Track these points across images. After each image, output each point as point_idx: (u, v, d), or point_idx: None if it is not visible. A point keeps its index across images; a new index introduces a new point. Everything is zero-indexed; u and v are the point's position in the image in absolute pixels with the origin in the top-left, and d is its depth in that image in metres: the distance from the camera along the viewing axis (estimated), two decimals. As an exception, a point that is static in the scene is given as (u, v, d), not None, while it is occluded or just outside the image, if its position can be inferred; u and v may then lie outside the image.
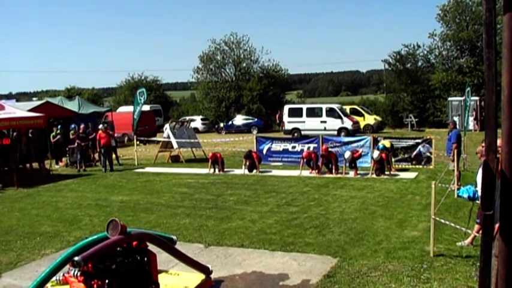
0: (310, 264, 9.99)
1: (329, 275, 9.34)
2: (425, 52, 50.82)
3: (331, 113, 39.29)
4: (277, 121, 46.52)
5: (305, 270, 9.68)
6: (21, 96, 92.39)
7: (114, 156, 26.44)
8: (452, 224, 10.49)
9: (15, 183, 21.27)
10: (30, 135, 26.43)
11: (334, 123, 38.45)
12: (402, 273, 9.20)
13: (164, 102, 64.88)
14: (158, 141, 30.33)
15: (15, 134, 25.78)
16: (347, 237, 11.67)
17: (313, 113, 40.32)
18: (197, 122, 50.35)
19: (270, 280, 9.40)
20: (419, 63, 51.27)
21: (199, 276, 9.05)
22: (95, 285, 7.42)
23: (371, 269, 9.50)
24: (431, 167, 21.44)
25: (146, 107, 42.63)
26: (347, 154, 20.64)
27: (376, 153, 20.14)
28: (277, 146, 24.85)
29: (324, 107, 40.55)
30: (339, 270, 9.52)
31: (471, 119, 38.80)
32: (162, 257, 9.04)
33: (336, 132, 36.81)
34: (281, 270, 9.78)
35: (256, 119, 50.79)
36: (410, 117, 44.58)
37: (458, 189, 15.48)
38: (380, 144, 21.34)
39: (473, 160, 19.53)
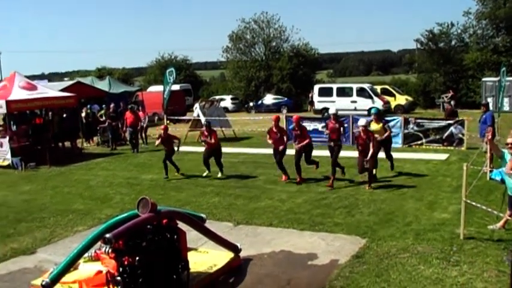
0: (338, 244, 10.00)
1: (357, 255, 9.35)
2: (459, 31, 49.79)
3: (361, 92, 38.90)
4: (310, 100, 46.15)
5: (333, 250, 9.70)
6: (53, 77, 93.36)
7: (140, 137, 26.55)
8: (484, 207, 10.36)
9: (48, 162, 21.61)
10: (63, 114, 26.73)
11: (364, 103, 38.06)
12: (431, 255, 9.16)
13: (194, 81, 64.86)
14: (188, 121, 30.41)
15: (48, 113, 26.10)
16: (376, 218, 11.64)
17: (343, 92, 39.97)
18: (227, 101, 50.30)
19: (298, 259, 9.44)
20: (453, 43, 50.25)
21: (228, 255, 9.15)
22: (126, 262, 7.55)
23: (400, 250, 9.48)
24: (463, 148, 21.16)
25: (176, 87, 42.73)
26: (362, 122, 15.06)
27: (362, 121, 15.08)
28: (307, 126, 24.70)
29: (355, 86, 40.16)
30: (368, 251, 9.52)
31: (506, 100, 38.07)
32: (192, 235, 9.14)
33: (366, 112, 36.49)
34: (309, 250, 9.82)
35: (286, 99, 50.53)
36: (443, 98, 43.97)
37: (490, 171, 15.27)
38: (373, 108, 18.59)
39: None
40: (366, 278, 8.31)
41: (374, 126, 16.02)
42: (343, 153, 16.20)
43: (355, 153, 15.45)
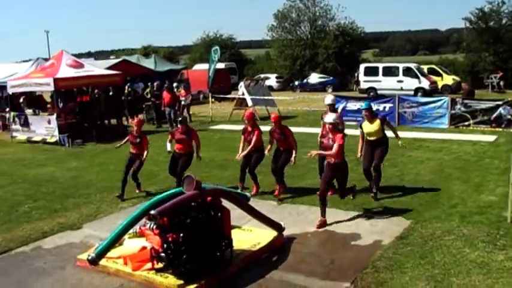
0: (382, 225, 9.92)
1: (401, 236, 9.26)
2: (511, 9, 48.46)
3: (408, 72, 38.29)
4: (356, 80, 45.62)
5: (377, 231, 9.63)
6: (99, 55, 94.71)
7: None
8: (533, 189, 10.11)
9: (94, 139, 21.98)
10: (109, 92, 27.06)
11: (411, 83, 37.49)
12: (477, 238, 9.01)
13: (239, 60, 64.81)
14: (233, 99, 30.47)
15: (94, 91, 26.47)
16: (421, 199, 11.50)
17: (389, 72, 39.41)
18: (272, 80, 50.17)
19: (341, 239, 9.41)
20: (504, 21, 48.90)
21: (272, 233, 9.16)
22: (170, 238, 7.63)
23: (445, 232, 9.34)
24: (512, 130, 20.69)
25: (221, 65, 42.80)
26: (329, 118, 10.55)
27: (330, 117, 10.56)
28: (353, 105, 24.50)
29: (401, 66, 39.55)
30: (412, 232, 9.42)
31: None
32: (236, 213, 9.18)
33: (412, 92, 35.92)
34: (353, 230, 9.77)
35: (331, 78, 50.12)
36: (492, 78, 42.93)
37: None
38: (365, 102, 13.25)
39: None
40: (410, 260, 8.23)
41: (368, 127, 11.83)
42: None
43: (401, 134, 14.97)
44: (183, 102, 27.22)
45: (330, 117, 10.41)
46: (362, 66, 41.84)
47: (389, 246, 8.82)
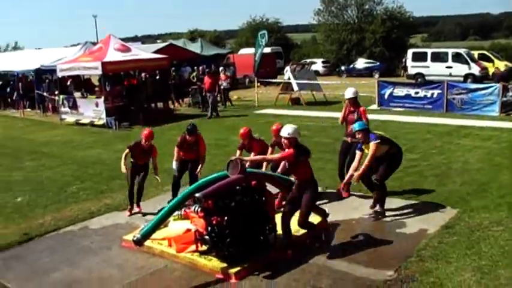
0: (428, 214, 9.78)
1: (447, 225, 9.10)
2: None
3: (457, 58, 37.45)
4: (403, 65, 44.85)
5: (422, 219, 9.50)
6: (146, 39, 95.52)
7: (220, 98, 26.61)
8: None
9: (141, 122, 22.22)
10: (156, 76, 27.30)
11: (460, 69, 36.67)
12: (527, 230, 8.78)
13: (285, 44, 64.58)
14: (279, 83, 30.39)
15: (141, 74, 26.73)
16: (469, 188, 11.26)
17: (438, 57, 38.61)
18: (318, 65, 49.79)
19: (386, 227, 9.32)
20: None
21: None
22: (214, 221, 7.68)
23: (493, 223, 9.13)
24: None
25: (267, 49, 42.62)
26: None
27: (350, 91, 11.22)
28: (400, 91, 24.17)
29: (450, 51, 38.70)
30: (459, 222, 9.25)
31: None
32: (279, 199, 9.18)
33: (462, 79, 35.16)
34: (398, 218, 9.66)
35: (378, 63, 49.48)
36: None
37: None
38: (357, 124, 10.03)
39: None
40: (456, 250, 8.08)
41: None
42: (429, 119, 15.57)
43: (449, 121, 14.71)
44: (222, 86, 27.31)
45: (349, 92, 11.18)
46: (410, 52, 41.08)
47: (435, 235, 8.68)
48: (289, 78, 27.57)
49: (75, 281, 7.76)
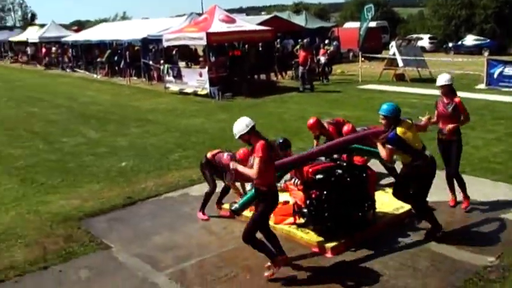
0: (536, 199, 9.22)
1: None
2: None
3: None
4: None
5: (529, 204, 8.96)
6: (250, 11, 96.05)
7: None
8: None
9: (243, 93, 22.35)
10: (259, 48, 27.35)
11: None
12: None
13: (391, 18, 63.04)
14: (383, 59, 29.69)
15: (245, 46, 26.84)
16: None
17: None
18: (424, 41, 48.23)
19: (490, 210, 8.85)
20: None
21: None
22: (313, 195, 7.59)
23: None
24: None
25: (372, 24, 41.71)
26: None
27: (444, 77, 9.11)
28: (511, 71, 22.97)
29: None
30: None
31: None
32: (380, 175, 8.95)
33: None
34: (503, 203, 9.13)
35: (488, 40, 47.26)
36: None
37: None
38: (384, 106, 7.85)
39: None
40: None
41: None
42: None
43: None
44: (321, 61, 26.97)
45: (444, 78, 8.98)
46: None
47: (543, 224, 8.18)
48: (394, 54, 26.81)
49: (176, 245, 7.91)
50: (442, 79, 8.99)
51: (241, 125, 6.88)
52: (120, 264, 7.54)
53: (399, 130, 7.32)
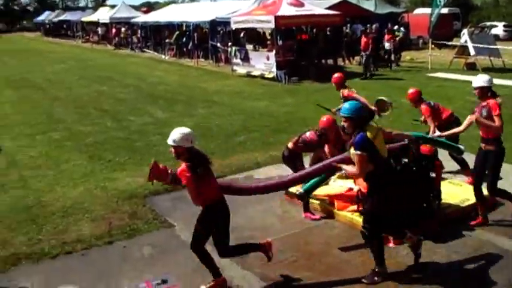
0: None
1: None
2: None
3: None
4: None
5: None
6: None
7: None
8: None
9: (310, 77, 22.23)
10: (327, 32, 27.09)
11: None
12: None
13: (464, 5, 61.14)
14: (454, 46, 28.94)
15: (313, 30, 26.64)
16: None
17: None
18: (498, 29, 46.58)
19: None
20: None
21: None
22: (379, 183, 7.45)
23: None
24: None
25: (444, 10, 40.68)
26: None
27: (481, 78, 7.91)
28: None
29: None
30: None
31: None
32: (449, 165, 8.73)
33: None
34: None
35: None
36: None
37: None
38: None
39: None
40: None
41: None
42: None
43: None
44: (386, 47, 26.48)
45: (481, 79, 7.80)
46: None
47: None
48: (465, 42, 26.08)
49: (237, 227, 7.93)
50: (479, 80, 7.82)
51: (183, 138, 6.21)
52: (183, 243, 7.63)
53: (368, 133, 6.26)
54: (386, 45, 26.84)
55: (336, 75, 11.35)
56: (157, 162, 6.53)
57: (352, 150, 6.26)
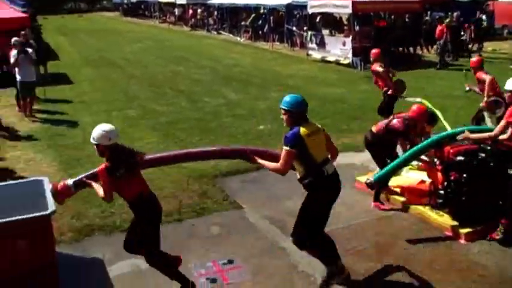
0: None
1: None
2: None
3: None
4: None
5: None
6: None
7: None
8: None
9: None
10: (405, 19, 26.52)
11: None
12: None
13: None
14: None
15: (391, 17, 26.15)
16: None
17: None
18: None
19: None
20: None
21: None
22: (452, 177, 7.30)
23: None
24: None
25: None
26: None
27: None
28: None
29: None
30: None
31: None
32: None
33: None
34: None
35: None
36: None
37: None
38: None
39: None
40: None
41: None
42: None
43: None
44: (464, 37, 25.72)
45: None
46: None
47: None
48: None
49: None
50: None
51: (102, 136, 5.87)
52: (251, 225, 7.70)
53: (302, 130, 5.97)
54: (463, 34, 26.05)
55: (474, 59, 11.81)
56: (54, 185, 6.38)
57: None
